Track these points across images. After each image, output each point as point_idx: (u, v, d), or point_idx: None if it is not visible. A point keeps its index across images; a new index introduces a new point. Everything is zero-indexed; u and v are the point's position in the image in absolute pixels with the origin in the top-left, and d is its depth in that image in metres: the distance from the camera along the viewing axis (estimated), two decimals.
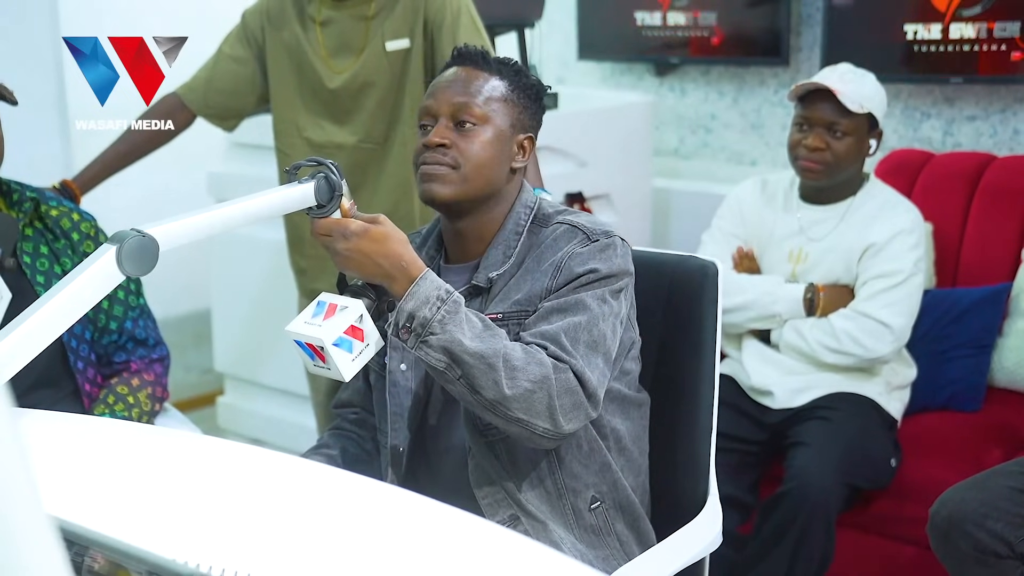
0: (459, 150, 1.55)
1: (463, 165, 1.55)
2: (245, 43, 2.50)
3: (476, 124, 1.56)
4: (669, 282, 1.72)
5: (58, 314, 1.17)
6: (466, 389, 1.41)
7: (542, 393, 1.41)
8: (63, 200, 2.08)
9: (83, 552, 0.98)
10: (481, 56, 1.61)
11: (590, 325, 1.48)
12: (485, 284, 1.57)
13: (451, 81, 1.60)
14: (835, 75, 2.43)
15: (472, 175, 1.56)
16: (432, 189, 1.55)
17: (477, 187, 1.57)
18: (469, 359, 1.39)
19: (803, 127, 2.43)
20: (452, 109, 1.57)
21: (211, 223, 1.32)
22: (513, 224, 1.60)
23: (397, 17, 2.39)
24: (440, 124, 1.57)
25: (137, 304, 2.10)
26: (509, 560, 1.09)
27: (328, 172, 1.41)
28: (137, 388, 2.04)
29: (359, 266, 1.42)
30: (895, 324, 2.37)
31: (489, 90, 1.58)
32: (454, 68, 1.62)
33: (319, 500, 1.16)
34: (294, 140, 2.50)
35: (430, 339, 1.40)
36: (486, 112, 1.57)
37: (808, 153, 2.42)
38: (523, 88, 1.61)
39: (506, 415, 1.42)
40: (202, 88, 2.51)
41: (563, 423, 1.43)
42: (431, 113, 1.59)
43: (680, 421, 1.71)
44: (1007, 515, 1.90)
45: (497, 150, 1.57)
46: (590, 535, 1.57)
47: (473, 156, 1.55)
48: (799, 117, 2.44)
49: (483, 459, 1.54)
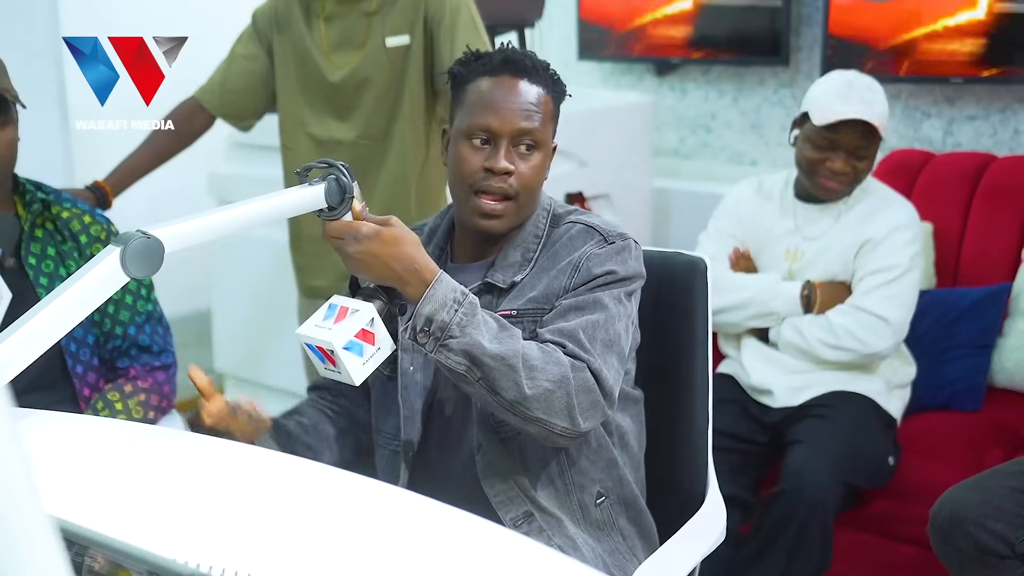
0: (519, 177, 1.54)
1: (521, 193, 1.54)
2: (256, 41, 2.52)
3: (534, 148, 1.55)
4: (658, 279, 1.72)
5: (61, 316, 1.16)
6: (486, 391, 1.41)
7: (561, 392, 1.41)
8: (78, 202, 2.07)
9: (83, 552, 0.98)
10: (535, 68, 1.57)
11: (607, 324, 1.48)
12: (505, 285, 1.56)
13: (514, 99, 1.54)
14: (855, 95, 2.38)
15: (526, 202, 1.56)
16: (491, 226, 1.55)
17: (528, 212, 1.58)
18: (489, 361, 1.39)
19: (825, 148, 2.41)
20: (516, 132, 1.54)
21: (219, 225, 1.30)
22: (532, 227, 1.59)
23: (398, 14, 2.40)
24: (503, 148, 1.53)
25: (145, 310, 2.08)
26: (509, 562, 1.09)
27: (339, 174, 1.39)
28: (129, 395, 2.01)
29: (371, 269, 1.40)
30: (893, 318, 2.38)
31: (543, 108, 1.56)
32: (506, 77, 1.55)
33: (319, 500, 1.16)
34: (298, 136, 2.51)
35: (450, 343, 1.39)
36: (544, 135, 1.56)
37: (832, 175, 2.42)
38: (556, 96, 1.60)
39: (525, 415, 1.42)
40: (218, 89, 2.53)
41: (581, 421, 1.44)
42: (492, 132, 1.54)
43: (675, 417, 1.73)
44: (1008, 515, 1.91)
45: (545, 170, 1.58)
46: (595, 530, 1.58)
47: (530, 183, 1.55)
48: (823, 139, 2.39)
49: (495, 456, 1.55)
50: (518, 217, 1.56)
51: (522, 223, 1.58)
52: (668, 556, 1.58)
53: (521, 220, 1.58)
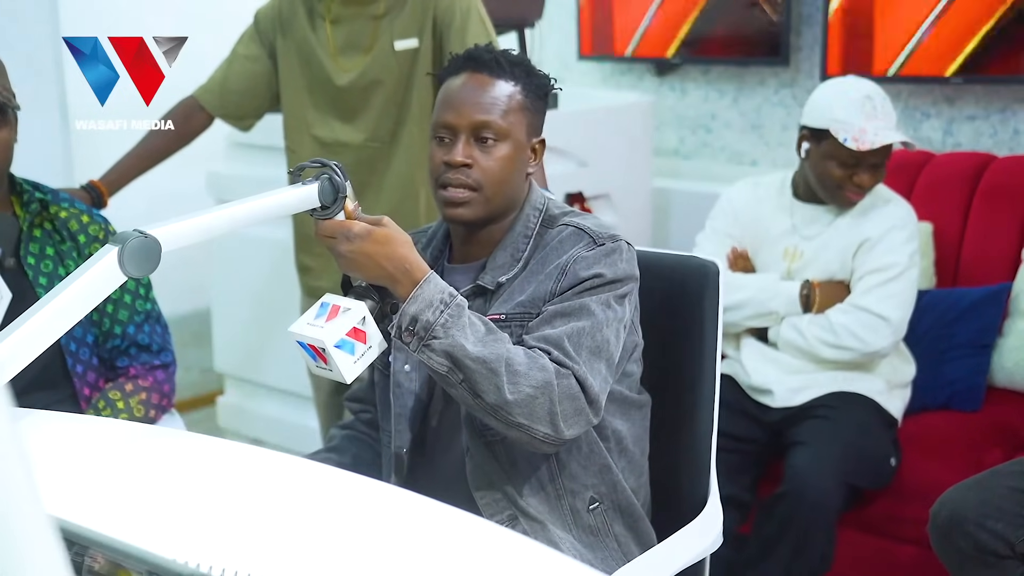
0: (481, 169, 1.54)
1: (485, 185, 1.54)
2: (258, 42, 2.52)
3: (497, 140, 1.55)
4: (669, 282, 1.71)
5: (59, 315, 1.16)
6: (468, 393, 1.41)
7: (544, 398, 1.41)
8: (76, 202, 2.07)
9: (83, 552, 0.98)
10: (494, 60, 1.57)
11: (593, 331, 1.48)
12: (492, 287, 1.56)
13: (469, 92, 1.55)
14: (879, 112, 2.37)
15: (494, 194, 1.55)
16: (457, 215, 1.55)
17: (498, 203, 1.57)
18: (471, 363, 1.39)
19: (852, 165, 2.39)
20: (474, 126, 1.54)
21: (214, 224, 1.32)
22: (522, 227, 1.59)
23: (406, 16, 2.39)
24: (461, 141, 1.54)
25: (144, 309, 2.08)
26: (508, 560, 1.09)
27: (332, 173, 1.41)
28: (130, 394, 2.02)
29: (362, 268, 1.42)
30: (892, 317, 2.38)
31: (507, 101, 1.55)
32: (466, 74, 1.57)
33: (319, 500, 1.16)
34: (303, 138, 2.50)
35: (433, 343, 1.40)
36: (506, 126, 1.55)
37: (858, 189, 2.42)
38: (534, 90, 1.59)
39: (507, 419, 1.42)
40: (218, 89, 2.52)
41: (564, 429, 1.43)
42: (451, 128, 1.55)
43: (681, 422, 1.71)
44: (1007, 515, 1.91)
45: (515, 162, 1.57)
46: (588, 536, 1.57)
47: (495, 175, 1.54)
48: (852, 158, 2.38)
49: (482, 460, 1.54)
50: (487, 208, 1.56)
51: (496, 215, 1.57)
52: (654, 560, 1.56)
53: (493, 212, 1.57)
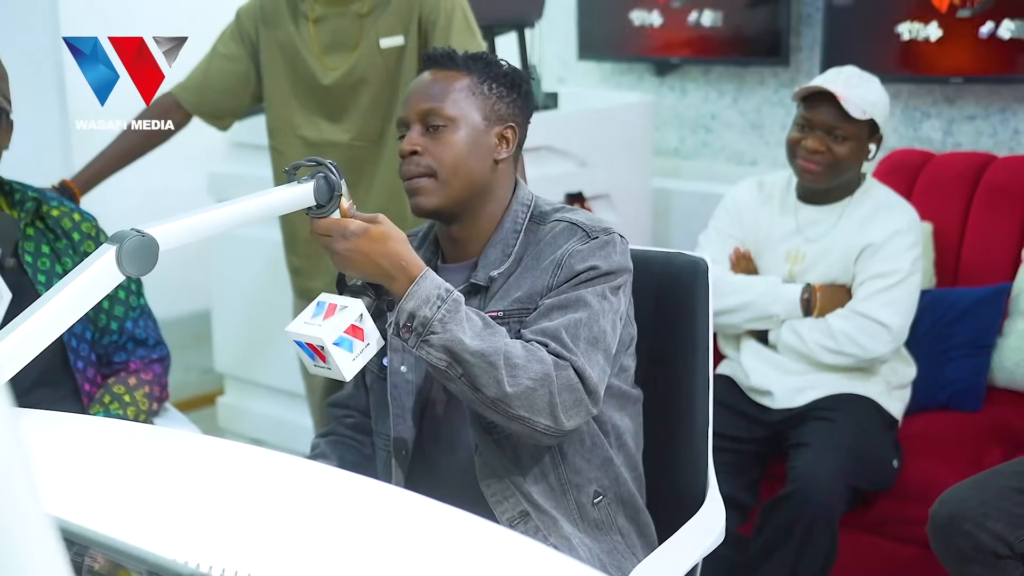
0: (432, 155, 1.55)
1: (439, 170, 1.55)
2: (239, 41, 2.50)
3: (446, 125, 1.56)
4: (659, 279, 1.72)
5: (58, 314, 1.17)
6: (467, 387, 1.42)
7: (543, 390, 1.42)
8: (64, 200, 2.08)
9: (83, 552, 0.98)
10: (448, 56, 1.60)
11: (590, 322, 1.48)
12: (484, 282, 1.57)
13: (419, 86, 1.60)
14: (840, 79, 2.41)
15: (450, 177, 1.56)
16: (418, 203, 1.57)
17: (459, 188, 1.57)
18: (470, 357, 1.40)
19: (804, 128, 2.43)
20: (421, 114, 1.57)
21: (211, 223, 1.32)
22: (511, 223, 1.60)
23: (391, 15, 2.39)
24: (412, 132, 1.57)
25: (138, 304, 2.10)
26: (512, 562, 1.09)
27: (327, 172, 1.41)
28: (134, 387, 2.04)
29: (359, 266, 1.43)
30: (893, 324, 2.37)
31: (456, 88, 1.58)
32: (424, 73, 1.62)
33: (319, 500, 1.16)
34: (289, 138, 2.49)
35: (431, 338, 1.40)
36: (454, 112, 1.56)
37: (807, 154, 2.42)
38: (495, 79, 1.60)
39: (507, 412, 1.42)
40: (197, 87, 2.51)
41: (564, 420, 1.44)
42: (404, 122, 1.59)
43: (676, 417, 1.72)
44: (1007, 515, 1.91)
45: (471, 146, 1.57)
46: (594, 529, 1.58)
47: (447, 158, 1.55)
48: (801, 118, 2.43)
49: (491, 456, 1.55)
50: (448, 194, 1.56)
51: (464, 202, 1.57)
52: (666, 556, 1.58)
53: (457, 198, 1.57)
